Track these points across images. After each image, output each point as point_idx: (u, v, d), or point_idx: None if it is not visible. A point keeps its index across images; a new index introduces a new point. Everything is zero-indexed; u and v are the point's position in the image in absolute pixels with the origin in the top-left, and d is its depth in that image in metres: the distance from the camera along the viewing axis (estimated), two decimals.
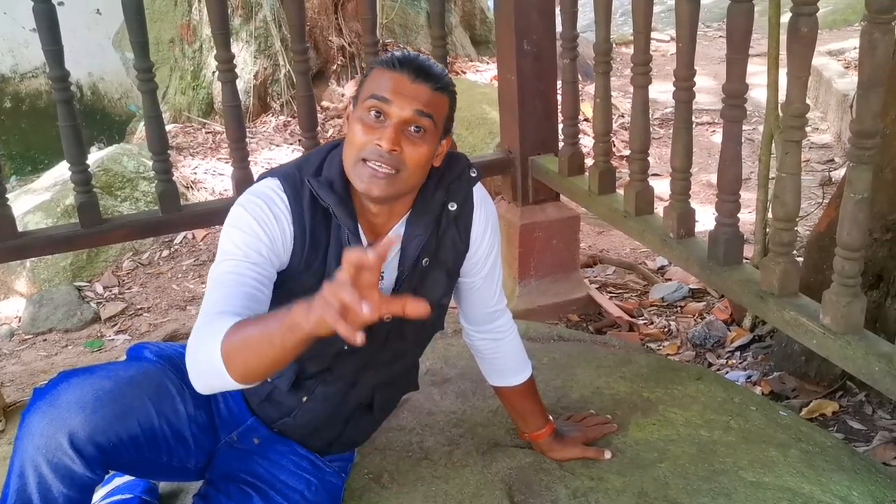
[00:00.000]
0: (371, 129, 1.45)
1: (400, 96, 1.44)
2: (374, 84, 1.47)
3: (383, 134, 1.44)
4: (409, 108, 1.44)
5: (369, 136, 1.45)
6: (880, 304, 2.39)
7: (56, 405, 1.41)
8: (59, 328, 3.76)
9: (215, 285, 1.42)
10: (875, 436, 2.37)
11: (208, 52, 5.59)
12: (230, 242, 1.47)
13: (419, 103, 1.45)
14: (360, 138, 1.45)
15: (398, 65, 1.46)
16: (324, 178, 1.52)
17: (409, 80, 1.45)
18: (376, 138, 1.44)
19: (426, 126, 1.46)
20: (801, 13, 1.83)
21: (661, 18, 7.97)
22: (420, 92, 1.45)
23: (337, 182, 1.52)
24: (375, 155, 1.44)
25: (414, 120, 1.45)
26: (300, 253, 1.52)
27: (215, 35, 2.56)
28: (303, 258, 1.52)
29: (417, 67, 1.46)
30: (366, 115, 1.46)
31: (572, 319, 3.20)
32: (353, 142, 1.47)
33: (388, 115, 1.44)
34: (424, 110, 1.45)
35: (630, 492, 1.73)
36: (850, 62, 5.93)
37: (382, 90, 1.45)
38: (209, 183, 4.76)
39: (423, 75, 1.46)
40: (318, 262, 1.54)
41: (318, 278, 1.54)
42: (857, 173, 1.76)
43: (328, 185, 1.52)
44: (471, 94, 5.00)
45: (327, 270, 1.54)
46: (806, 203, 3.86)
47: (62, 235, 2.62)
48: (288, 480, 1.64)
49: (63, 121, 2.43)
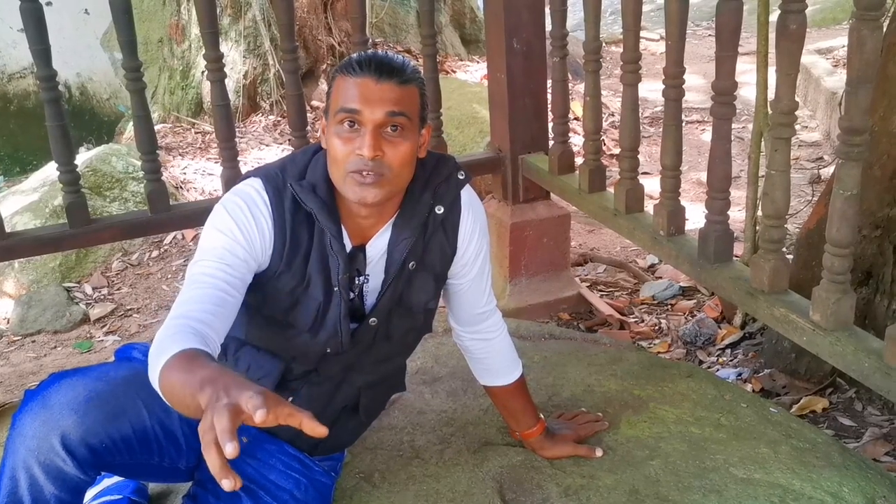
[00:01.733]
0: (349, 140, 1.43)
1: (368, 102, 1.42)
2: (340, 95, 1.45)
3: (362, 142, 1.42)
4: (380, 111, 1.42)
5: (348, 146, 1.43)
6: (870, 301, 2.40)
7: (48, 407, 1.41)
8: (48, 329, 3.74)
9: (187, 285, 1.43)
10: (865, 432, 2.38)
11: (197, 51, 5.58)
12: (208, 243, 1.47)
13: (389, 104, 1.43)
14: (341, 151, 1.44)
15: (359, 68, 1.43)
16: (307, 182, 1.51)
17: (373, 82, 1.43)
18: (356, 148, 1.43)
19: (402, 123, 1.45)
20: (789, 10, 1.83)
21: (651, 17, 7.98)
22: (387, 91, 1.43)
23: (320, 186, 1.51)
24: (360, 165, 1.43)
25: (388, 121, 1.43)
26: (280, 255, 1.51)
27: (204, 34, 2.55)
28: (282, 260, 1.52)
29: (379, 66, 1.43)
30: (340, 127, 1.44)
31: (563, 318, 3.20)
32: (336, 157, 1.45)
33: (361, 122, 1.43)
34: (396, 109, 1.43)
35: (621, 489, 1.73)
36: (839, 60, 5.95)
37: (350, 100, 1.43)
38: (199, 183, 4.75)
39: (387, 72, 1.43)
40: (298, 263, 1.53)
41: (298, 280, 1.54)
42: (847, 170, 1.77)
43: (311, 189, 1.51)
44: (461, 93, 5.00)
45: (308, 273, 1.54)
46: (795, 201, 3.87)
47: (50, 236, 2.60)
48: (277, 480, 1.64)
49: (51, 120, 2.42)
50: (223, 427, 1.07)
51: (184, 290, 1.42)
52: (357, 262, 1.58)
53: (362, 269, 1.59)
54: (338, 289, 1.55)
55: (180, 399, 1.20)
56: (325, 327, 1.57)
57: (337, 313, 1.56)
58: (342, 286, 1.55)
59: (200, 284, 1.41)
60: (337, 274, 1.54)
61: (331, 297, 1.55)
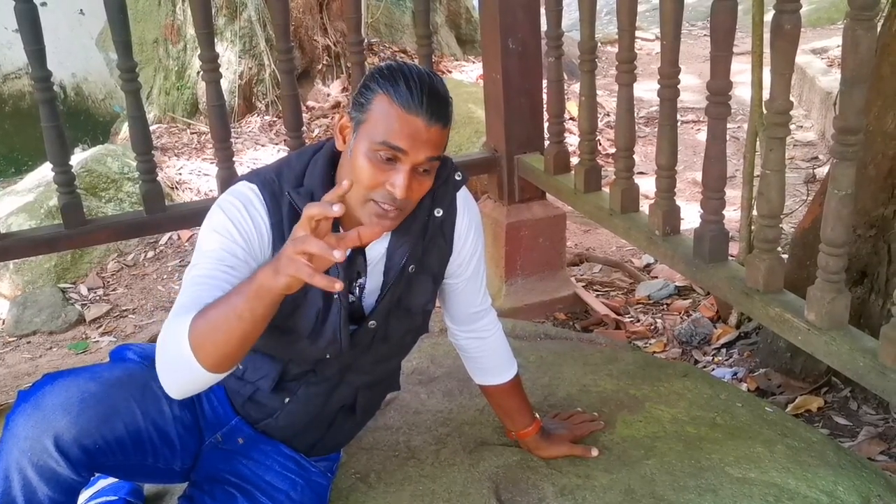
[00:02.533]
0: (382, 172, 1.40)
1: (415, 144, 1.39)
2: (384, 123, 1.39)
3: (395, 180, 1.40)
4: (423, 155, 1.40)
5: (380, 177, 1.40)
6: (864, 300, 2.40)
7: (41, 408, 1.40)
8: (43, 330, 3.73)
9: (187, 287, 1.40)
10: (860, 431, 2.39)
11: (192, 51, 5.57)
12: (206, 245, 1.45)
13: (432, 149, 1.41)
14: (370, 179, 1.41)
15: (414, 106, 1.38)
16: (305, 190, 1.50)
17: (424, 125, 1.39)
18: (388, 183, 1.40)
19: (434, 167, 1.46)
20: (784, 10, 1.83)
21: (646, 17, 7.98)
22: (433, 136, 1.40)
23: (318, 193, 1.49)
24: (388, 200, 1.41)
25: (425, 164, 1.42)
26: None
27: (199, 34, 2.55)
28: None
29: (431, 107, 1.39)
30: (375, 155, 1.40)
31: (559, 318, 3.21)
32: (362, 180, 1.41)
33: (400, 159, 1.40)
34: (436, 155, 1.43)
35: (617, 489, 1.73)
36: (834, 60, 5.97)
37: (396, 137, 1.38)
38: (194, 183, 4.75)
39: (436, 115, 1.40)
40: None
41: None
42: (841, 170, 1.77)
43: (309, 196, 1.49)
44: (456, 94, 4.96)
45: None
46: (790, 200, 3.88)
47: (46, 237, 2.60)
48: (273, 481, 1.63)
49: (46, 121, 2.42)
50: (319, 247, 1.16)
51: (183, 293, 1.40)
52: (356, 265, 1.58)
53: (362, 272, 1.59)
54: (337, 296, 1.54)
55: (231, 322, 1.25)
56: (325, 333, 1.56)
57: (336, 319, 1.55)
58: (342, 293, 1.54)
59: (201, 286, 1.39)
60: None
61: (330, 303, 1.54)
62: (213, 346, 1.26)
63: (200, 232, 1.49)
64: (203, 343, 1.26)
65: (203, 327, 1.26)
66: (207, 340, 1.26)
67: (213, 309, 1.27)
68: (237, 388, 1.65)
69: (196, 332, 1.26)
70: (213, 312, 1.27)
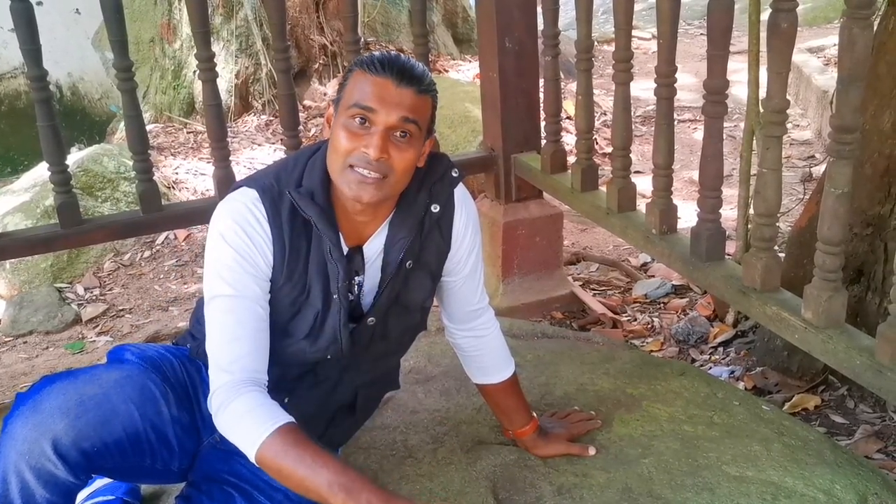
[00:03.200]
0: (356, 136, 1.44)
1: (385, 103, 1.42)
2: (356, 90, 1.45)
3: (370, 141, 1.43)
4: (394, 115, 1.43)
5: (355, 142, 1.43)
6: (861, 299, 2.41)
7: (39, 410, 1.40)
8: (39, 330, 3.73)
9: (223, 332, 1.48)
10: (857, 429, 2.39)
11: (189, 51, 5.56)
12: (220, 281, 1.48)
13: (404, 109, 1.44)
14: (346, 145, 1.44)
15: (381, 68, 1.44)
16: (305, 189, 1.50)
17: (393, 85, 1.43)
18: (363, 145, 1.43)
19: (411, 131, 1.46)
20: (780, 9, 1.83)
21: (643, 16, 7.99)
22: (405, 97, 1.44)
23: (318, 192, 1.51)
24: (363, 162, 1.43)
25: (400, 126, 1.44)
26: (280, 266, 1.51)
27: (195, 34, 2.55)
28: (283, 270, 1.52)
29: (401, 70, 1.44)
30: (350, 121, 1.44)
31: (556, 317, 3.21)
32: (339, 148, 1.45)
33: (373, 122, 1.43)
34: (410, 116, 1.44)
35: (614, 487, 1.73)
36: (830, 59, 5.97)
37: (366, 97, 1.43)
38: (191, 183, 4.74)
39: (408, 79, 1.44)
40: (298, 271, 1.53)
41: (299, 289, 1.54)
42: (838, 168, 1.77)
43: (309, 195, 1.50)
44: (453, 93, 4.99)
45: (308, 280, 1.53)
46: (787, 199, 3.88)
47: (42, 236, 2.59)
48: (271, 481, 1.62)
49: (42, 120, 2.41)
50: None
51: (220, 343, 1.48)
52: (354, 264, 1.58)
53: (360, 270, 1.59)
54: (337, 296, 1.54)
55: (300, 486, 1.40)
56: (324, 334, 1.57)
57: (336, 320, 1.56)
58: (341, 294, 1.55)
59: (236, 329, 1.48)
60: (336, 282, 1.54)
61: (329, 304, 1.55)
62: (276, 475, 1.43)
63: (209, 263, 1.51)
64: (269, 467, 1.42)
65: (275, 464, 1.40)
66: (273, 471, 1.42)
67: (289, 462, 1.39)
68: None
69: (268, 457, 1.40)
70: (294, 466, 1.39)
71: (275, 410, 1.44)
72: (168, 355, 1.68)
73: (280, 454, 1.39)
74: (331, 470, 1.37)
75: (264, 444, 1.39)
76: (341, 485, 1.35)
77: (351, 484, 1.36)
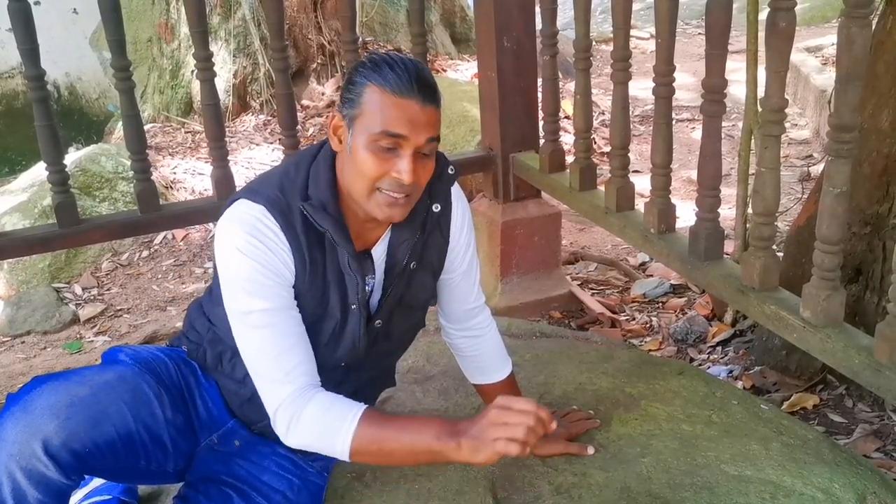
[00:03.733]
0: (385, 161, 1.42)
1: (414, 127, 1.40)
2: (380, 114, 1.40)
3: (401, 166, 1.41)
4: (423, 137, 1.42)
5: (385, 167, 1.42)
6: (859, 298, 2.41)
7: (29, 411, 1.40)
8: (37, 330, 3.72)
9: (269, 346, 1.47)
10: (855, 428, 2.39)
11: (187, 50, 5.56)
12: (248, 296, 1.46)
13: (431, 130, 1.43)
14: (375, 170, 1.42)
15: (405, 90, 1.39)
16: (317, 202, 1.48)
17: (418, 107, 1.40)
18: (394, 171, 1.42)
19: (434, 148, 1.47)
20: (779, 8, 1.83)
21: (641, 16, 7.99)
22: (429, 117, 1.42)
23: (330, 204, 1.49)
24: (396, 187, 1.43)
25: (426, 146, 1.44)
26: (302, 277, 1.50)
27: (193, 33, 2.55)
28: (305, 282, 1.51)
29: (422, 89, 1.40)
30: (376, 146, 1.41)
31: (554, 316, 3.20)
32: (366, 174, 1.42)
33: (402, 146, 1.42)
34: (435, 135, 1.44)
35: (613, 487, 1.73)
36: (828, 58, 5.97)
37: (395, 124, 1.40)
38: (189, 182, 4.73)
39: (429, 96, 1.41)
40: (317, 283, 1.53)
41: (318, 299, 1.53)
42: (836, 167, 1.77)
43: (322, 208, 1.48)
44: (451, 92, 4.99)
45: (326, 290, 1.53)
46: (785, 199, 3.88)
47: (40, 236, 2.59)
48: (270, 481, 1.63)
49: (39, 120, 2.41)
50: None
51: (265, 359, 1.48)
52: (365, 269, 1.57)
53: (371, 274, 1.59)
54: (356, 307, 1.55)
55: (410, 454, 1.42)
56: (344, 341, 1.58)
57: (355, 328, 1.57)
58: (361, 304, 1.55)
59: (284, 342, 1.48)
60: (356, 293, 1.54)
61: (347, 313, 1.55)
62: (373, 460, 1.46)
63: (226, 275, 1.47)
64: (365, 455, 1.43)
65: (373, 447, 1.42)
66: (371, 456, 1.43)
67: (391, 435, 1.41)
68: (236, 390, 1.64)
69: (363, 445, 1.41)
70: (392, 440, 1.41)
71: (347, 402, 1.46)
72: (162, 356, 1.68)
73: (377, 436, 1.41)
74: (426, 425, 1.41)
75: (356, 435, 1.41)
76: (447, 432, 1.38)
77: (452, 427, 1.39)
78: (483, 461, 1.37)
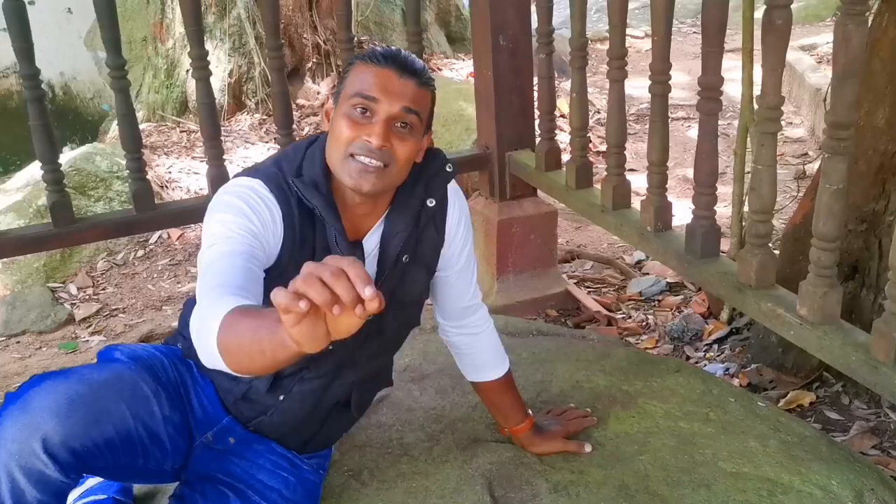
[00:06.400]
0: (358, 126, 1.44)
1: (387, 93, 1.43)
2: (358, 80, 1.45)
3: (372, 130, 1.43)
4: (397, 105, 1.44)
5: (357, 131, 1.44)
6: (856, 295, 2.41)
7: (28, 410, 1.39)
8: (32, 330, 3.71)
9: (209, 266, 1.34)
10: (852, 425, 2.39)
11: (182, 50, 5.55)
12: (219, 224, 1.41)
13: (406, 99, 1.45)
14: (348, 134, 1.44)
15: (383, 60, 1.45)
16: (308, 179, 1.50)
17: (395, 76, 1.44)
18: (364, 134, 1.43)
19: (412, 122, 1.47)
20: (775, 5, 1.83)
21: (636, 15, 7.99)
22: (407, 87, 1.45)
23: (321, 182, 1.50)
24: (365, 150, 1.43)
25: (401, 116, 1.45)
26: (289, 251, 1.50)
27: (188, 32, 2.54)
28: (291, 258, 1.50)
29: (403, 63, 1.46)
30: (352, 111, 1.44)
31: (551, 314, 3.20)
32: (340, 137, 1.45)
33: (375, 111, 1.44)
34: (412, 107, 1.45)
35: (611, 485, 1.73)
36: (823, 57, 5.98)
37: (369, 87, 1.44)
38: (184, 182, 4.72)
39: (409, 71, 1.46)
40: (305, 260, 1.51)
41: None
42: (833, 164, 1.77)
43: (313, 185, 1.49)
44: (447, 91, 4.99)
45: None
46: (781, 196, 3.87)
47: (34, 235, 2.59)
48: (266, 480, 1.63)
49: (34, 119, 2.41)
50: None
51: (203, 275, 1.32)
52: (356, 257, 1.57)
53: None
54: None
55: (255, 353, 1.12)
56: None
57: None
58: None
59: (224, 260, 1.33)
60: None
61: None
62: (237, 361, 1.17)
63: (208, 217, 1.44)
64: (229, 354, 1.17)
65: (231, 342, 1.16)
66: (233, 355, 1.17)
67: (242, 326, 1.15)
68: (230, 387, 1.64)
69: (224, 339, 1.17)
70: (242, 331, 1.15)
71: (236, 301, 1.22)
72: (158, 355, 1.67)
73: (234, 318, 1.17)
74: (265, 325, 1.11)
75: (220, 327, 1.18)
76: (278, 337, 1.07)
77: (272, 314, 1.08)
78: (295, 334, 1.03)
